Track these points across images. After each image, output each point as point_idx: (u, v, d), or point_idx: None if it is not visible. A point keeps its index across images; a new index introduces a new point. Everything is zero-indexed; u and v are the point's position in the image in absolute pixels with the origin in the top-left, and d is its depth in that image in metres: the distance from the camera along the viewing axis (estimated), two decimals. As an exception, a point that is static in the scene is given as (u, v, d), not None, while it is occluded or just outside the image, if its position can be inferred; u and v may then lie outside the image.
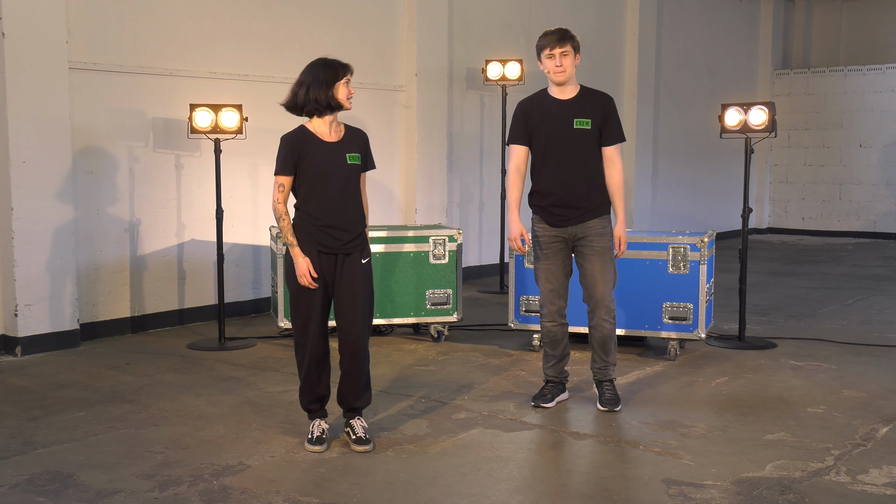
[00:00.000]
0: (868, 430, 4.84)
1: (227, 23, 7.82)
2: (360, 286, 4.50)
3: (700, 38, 14.40)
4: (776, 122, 6.86)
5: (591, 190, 5.08)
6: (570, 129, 5.04)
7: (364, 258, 4.55)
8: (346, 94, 4.48)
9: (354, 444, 4.52)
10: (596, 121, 5.06)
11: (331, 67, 4.47)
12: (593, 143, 5.08)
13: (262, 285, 8.24)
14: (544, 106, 5.13)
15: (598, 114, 5.06)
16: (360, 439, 4.52)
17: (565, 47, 5.00)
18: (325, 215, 4.46)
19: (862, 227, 15.31)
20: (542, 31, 5.15)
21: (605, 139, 5.10)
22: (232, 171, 7.80)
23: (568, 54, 5.00)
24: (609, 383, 5.25)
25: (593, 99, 5.12)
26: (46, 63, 6.52)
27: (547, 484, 4.13)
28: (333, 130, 4.55)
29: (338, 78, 4.46)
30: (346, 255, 4.49)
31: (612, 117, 5.11)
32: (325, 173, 4.46)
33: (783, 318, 8.02)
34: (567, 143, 5.06)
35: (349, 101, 4.50)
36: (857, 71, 15.20)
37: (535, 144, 5.15)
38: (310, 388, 4.55)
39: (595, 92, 5.18)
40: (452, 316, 7.03)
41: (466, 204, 10.33)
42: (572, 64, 5.03)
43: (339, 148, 4.52)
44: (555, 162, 5.09)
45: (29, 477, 4.16)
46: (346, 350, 4.51)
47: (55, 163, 6.61)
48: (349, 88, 4.49)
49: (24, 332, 6.51)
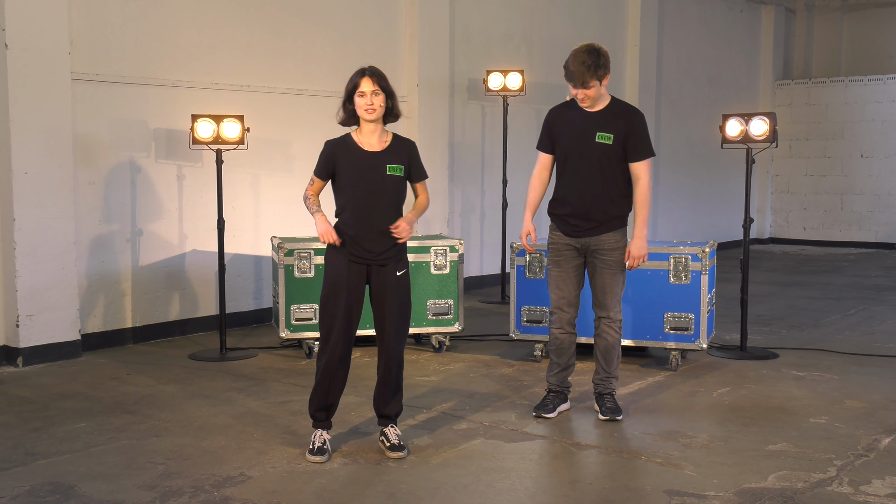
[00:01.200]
0: (871, 440, 4.83)
1: (229, 34, 7.85)
2: (393, 297, 4.49)
3: (701, 49, 14.42)
4: (777, 133, 6.86)
5: (606, 204, 5.07)
6: (592, 141, 5.03)
7: (400, 270, 4.52)
8: (365, 105, 4.38)
9: (389, 451, 4.55)
10: (619, 136, 5.01)
11: (350, 78, 4.44)
12: (614, 158, 5.03)
13: (264, 296, 8.24)
14: (570, 116, 5.13)
15: (621, 128, 5.01)
16: (394, 446, 4.55)
17: (588, 86, 4.94)
18: (355, 225, 4.43)
19: (864, 237, 15.30)
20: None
21: (630, 155, 5.05)
22: (233, 182, 7.81)
23: (593, 86, 4.95)
24: (610, 395, 5.25)
25: (619, 113, 5.08)
26: (49, 74, 6.53)
27: (549, 495, 4.12)
28: (378, 140, 4.48)
29: (355, 88, 4.40)
30: (380, 266, 4.48)
31: (637, 132, 5.04)
32: (359, 183, 4.42)
33: (785, 329, 8.01)
34: (586, 155, 5.05)
35: (368, 111, 4.39)
36: (859, 81, 15.22)
37: (558, 153, 5.18)
38: (320, 395, 4.55)
39: (624, 106, 5.14)
40: (454, 326, 7.02)
41: (468, 214, 10.34)
42: (598, 91, 4.97)
43: (379, 158, 4.45)
44: (573, 173, 5.11)
45: (30, 488, 4.16)
46: (382, 358, 4.57)
47: (57, 173, 6.62)
48: (371, 98, 4.37)
49: (25, 342, 6.51)
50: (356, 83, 4.39)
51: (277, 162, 8.26)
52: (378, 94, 4.39)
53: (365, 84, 4.37)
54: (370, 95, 4.37)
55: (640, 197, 5.08)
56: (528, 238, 5.24)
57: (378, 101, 4.39)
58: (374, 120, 4.43)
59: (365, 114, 4.39)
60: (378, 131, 4.48)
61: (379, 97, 4.39)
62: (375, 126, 4.47)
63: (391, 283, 4.50)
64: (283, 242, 6.78)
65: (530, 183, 5.28)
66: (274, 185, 8.24)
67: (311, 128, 8.31)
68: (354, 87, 4.40)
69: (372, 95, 4.37)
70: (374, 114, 4.39)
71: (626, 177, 5.09)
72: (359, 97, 4.39)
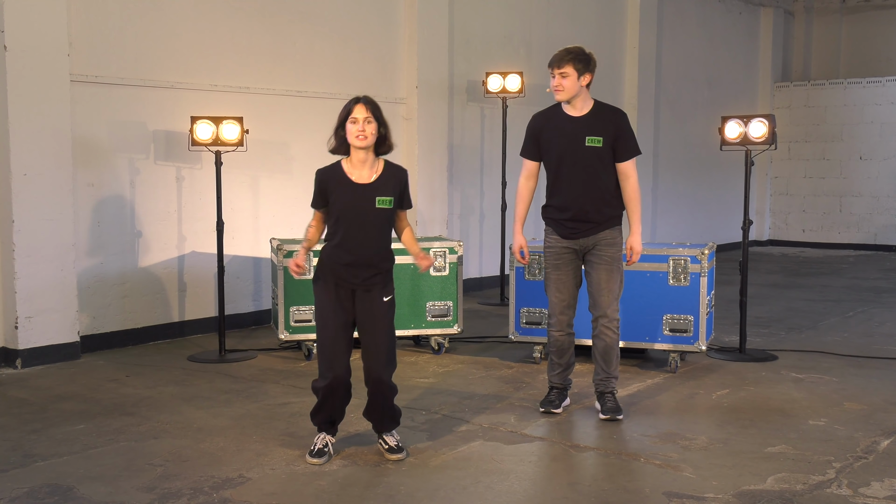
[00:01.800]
0: (869, 442, 4.83)
1: (228, 35, 7.85)
2: (380, 323, 4.46)
3: (700, 51, 14.43)
4: (776, 135, 6.87)
5: (603, 205, 5.15)
6: (582, 146, 5.09)
7: (386, 296, 4.48)
8: (356, 132, 4.30)
9: (388, 454, 4.56)
10: (608, 138, 5.09)
11: (344, 106, 4.38)
12: (605, 160, 5.12)
13: (263, 297, 8.24)
14: (556, 122, 5.19)
15: (609, 130, 5.10)
16: (393, 448, 4.56)
17: (563, 68, 5.03)
18: (344, 254, 4.40)
19: (863, 239, 15.31)
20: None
21: (619, 155, 5.14)
22: (233, 184, 7.81)
23: (567, 75, 5.03)
24: (610, 395, 5.28)
25: (605, 116, 5.15)
26: (48, 76, 6.53)
27: (548, 497, 4.12)
28: (368, 169, 4.41)
29: (348, 114, 4.34)
30: (365, 291, 4.45)
31: (624, 133, 5.13)
32: (348, 216, 4.39)
33: (784, 331, 8.01)
34: (579, 159, 5.11)
35: (359, 138, 4.31)
36: (857, 83, 15.23)
37: (548, 160, 5.23)
38: (326, 411, 4.55)
39: (607, 108, 5.21)
40: (453, 328, 7.02)
41: (467, 216, 10.34)
42: (575, 84, 5.05)
43: (369, 190, 4.39)
44: (567, 178, 5.15)
45: (29, 490, 4.15)
46: (370, 384, 4.53)
47: (56, 175, 6.62)
48: (364, 125, 4.30)
49: (24, 344, 6.51)
50: (349, 109, 4.34)
51: (277, 163, 8.26)
52: (371, 121, 4.32)
53: (358, 111, 4.32)
54: (362, 122, 4.31)
55: (631, 194, 5.17)
56: (521, 252, 5.36)
57: (370, 128, 4.32)
58: (365, 147, 4.35)
59: (356, 140, 4.32)
60: (369, 161, 4.41)
61: (371, 125, 4.32)
62: (366, 155, 4.39)
63: (378, 308, 4.45)
64: (282, 244, 6.77)
65: (518, 194, 5.33)
66: (273, 187, 8.24)
67: (311, 129, 8.31)
68: (347, 113, 4.34)
69: (364, 122, 4.30)
70: (365, 141, 4.32)
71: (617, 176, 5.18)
72: (351, 123, 4.33)
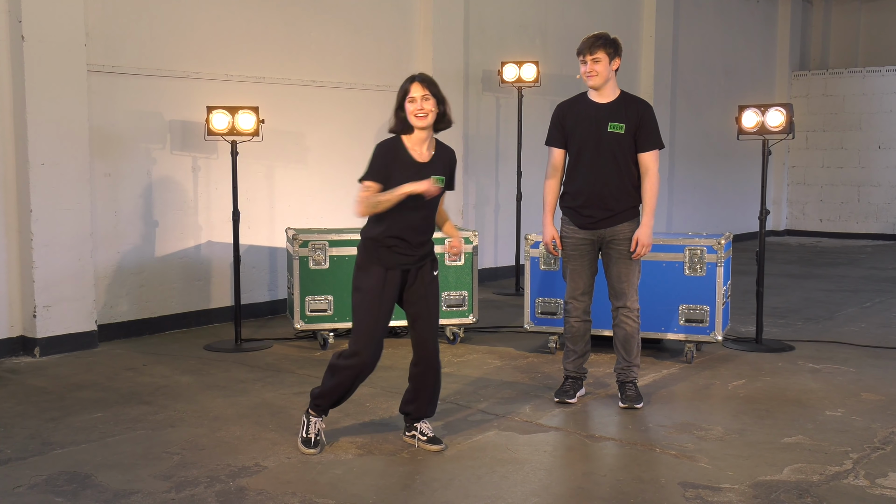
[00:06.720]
0: (887, 433, 4.81)
1: (244, 25, 7.85)
2: (433, 297, 4.49)
3: (717, 40, 14.34)
4: (794, 124, 6.82)
5: (621, 193, 5.13)
6: (604, 132, 5.09)
7: (435, 270, 4.52)
8: (415, 110, 4.29)
9: (428, 444, 4.54)
10: (630, 126, 5.09)
11: (401, 86, 4.36)
12: (626, 148, 5.11)
13: (279, 287, 8.26)
14: (581, 108, 5.20)
15: (633, 118, 5.10)
16: (432, 439, 4.56)
17: (595, 54, 5.05)
18: (400, 233, 4.34)
19: (880, 228, 15.21)
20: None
21: (640, 145, 5.13)
22: (248, 173, 7.83)
23: (600, 60, 5.05)
24: (631, 384, 5.30)
25: (630, 104, 5.16)
26: (65, 66, 6.56)
27: (563, 487, 4.12)
28: (426, 149, 4.42)
29: (405, 94, 4.32)
30: (418, 269, 4.45)
31: (647, 123, 5.12)
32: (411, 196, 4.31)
33: (801, 321, 7.98)
34: (601, 145, 5.11)
35: (419, 116, 4.29)
36: (876, 72, 15.11)
37: (571, 146, 5.23)
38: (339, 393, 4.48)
39: (633, 98, 5.22)
40: (468, 318, 7.02)
41: (482, 206, 10.33)
42: (607, 69, 5.07)
43: (426, 169, 4.37)
44: (587, 164, 5.15)
45: (47, 477, 4.19)
46: (423, 361, 4.50)
47: (74, 165, 6.65)
48: (422, 103, 4.28)
49: (42, 333, 6.55)
50: (406, 89, 4.32)
51: (292, 154, 8.27)
52: (428, 98, 4.30)
53: (415, 89, 4.30)
54: (420, 100, 4.29)
55: (649, 187, 5.14)
56: (554, 242, 5.30)
57: (429, 105, 4.29)
58: (426, 127, 4.33)
59: (416, 119, 4.30)
60: (428, 139, 4.41)
61: (429, 102, 4.30)
62: (427, 133, 4.38)
63: (430, 282, 4.48)
64: (297, 234, 6.79)
65: (546, 184, 5.31)
66: (289, 177, 8.25)
67: (326, 120, 8.31)
68: (405, 93, 4.32)
69: (422, 100, 4.28)
70: (425, 119, 4.30)
71: (638, 168, 5.17)
72: (409, 103, 4.31)
